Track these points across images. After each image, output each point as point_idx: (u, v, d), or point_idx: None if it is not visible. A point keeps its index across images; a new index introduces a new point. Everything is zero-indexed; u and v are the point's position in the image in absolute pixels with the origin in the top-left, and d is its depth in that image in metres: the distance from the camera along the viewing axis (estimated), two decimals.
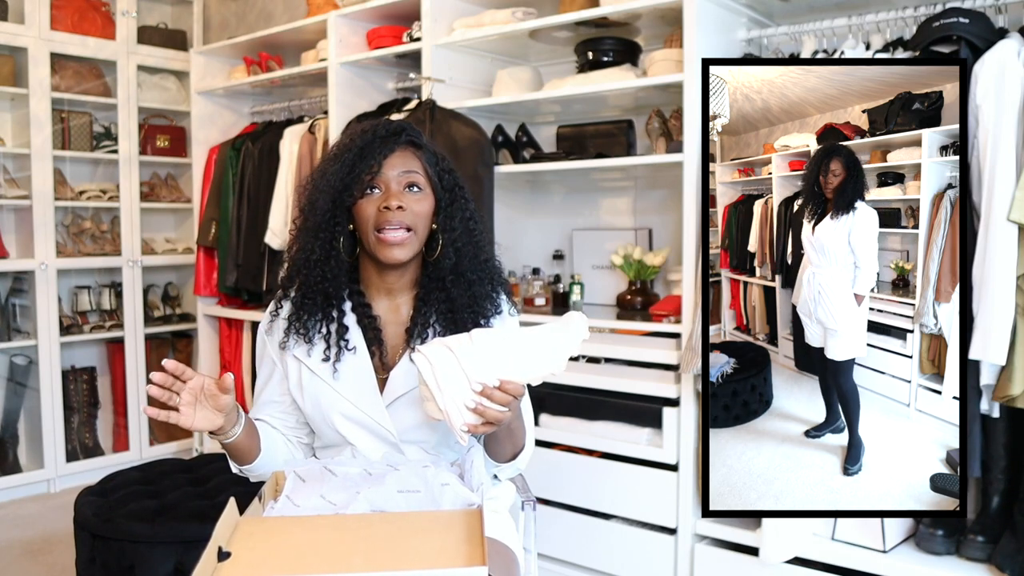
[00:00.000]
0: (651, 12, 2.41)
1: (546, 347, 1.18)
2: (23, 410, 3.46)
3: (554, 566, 2.51)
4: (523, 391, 1.17)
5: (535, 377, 1.18)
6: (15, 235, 3.47)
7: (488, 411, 1.14)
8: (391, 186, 1.33)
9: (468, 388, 1.13)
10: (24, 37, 3.30)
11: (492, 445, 1.34)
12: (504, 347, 1.16)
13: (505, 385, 1.15)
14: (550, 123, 2.97)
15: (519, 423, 1.33)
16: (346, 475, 1.26)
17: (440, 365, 1.13)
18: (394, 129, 1.37)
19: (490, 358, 1.14)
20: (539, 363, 1.17)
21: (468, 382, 1.13)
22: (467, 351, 1.14)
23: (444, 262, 1.37)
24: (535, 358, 1.17)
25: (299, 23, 3.15)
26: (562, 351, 1.18)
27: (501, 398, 1.15)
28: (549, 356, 1.18)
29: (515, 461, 1.38)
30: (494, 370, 1.14)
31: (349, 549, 1.05)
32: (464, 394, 1.13)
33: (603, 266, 2.81)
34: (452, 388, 1.13)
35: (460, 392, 1.13)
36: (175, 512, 1.99)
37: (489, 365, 1.14)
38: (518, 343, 1.17)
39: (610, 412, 2.41)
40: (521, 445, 1.36)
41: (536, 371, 1.17)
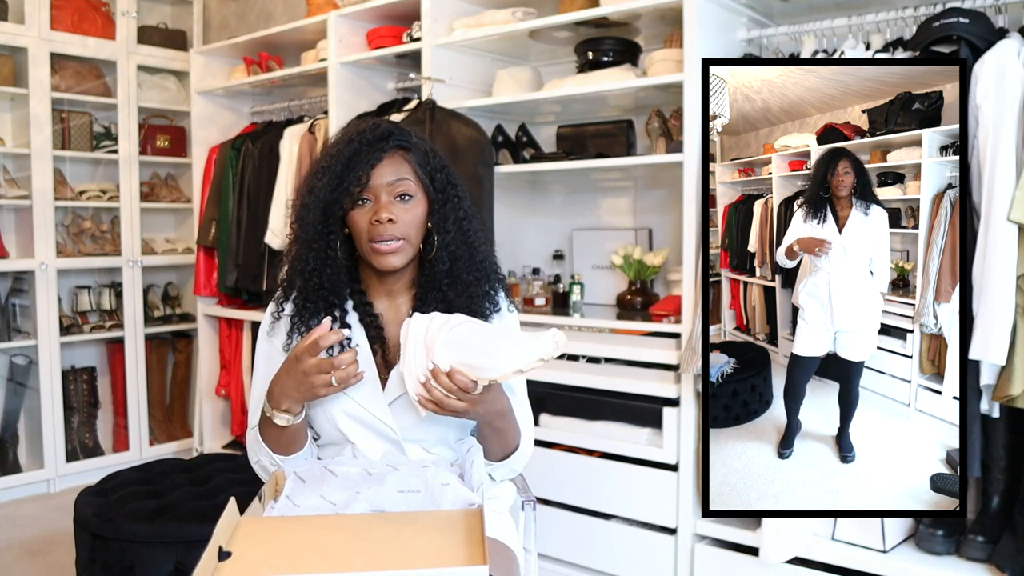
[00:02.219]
0: (651, 12, 2.41)
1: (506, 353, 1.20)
2: (23, 410, 3.46)
3: (554, 566, 2.51)
4: (471, 386, 1.20)
5: (485, 376, 1.21)
6: (15, 235, 3.47)
7: (433, 391, 1.20)
8: (381, 197, 1.33)
9: (424, 363, 1.20)
10: (24, 37, 3.30)
11: (483, 443, 1.34)
12: (470, 339, 1.21)
13: (453, 374, 1.20)
14: (550, 123, 2.97)
15: (507, 423, 1.33)
16: (346, 475, 1.26)
17: (414, 333, 1.21)
18: (381, 134, 1.35)
19: (452, 343, 1.20)
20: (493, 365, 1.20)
21: (425, 357, 1.20)
22: (437, 328, 1.21)
23: (439, 266, 1.37)
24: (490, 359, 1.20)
25: (299, 23, 3.15)
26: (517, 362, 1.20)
27: (445, 383, 1.20)
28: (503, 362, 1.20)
29: (508, 462, 1.37)
30: (450, 355, 1.20)
31: (349, 549, 1.05)
32: (419, 367, 1.21)
33: (603, 266, 2.81)
34: (412, 357, 1.21)
35: (416, 363, 1.21)
36: (175, 512, 1.99)
37: (449, 349, 1.20)
38: (484, 340, 1.22)
39: (610, 412, 2.41)
40: (512, 446, 1.36)
41: (489, 372, 1.20)
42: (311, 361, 1.21)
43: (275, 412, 1.27)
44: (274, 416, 1.27)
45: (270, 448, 1.32)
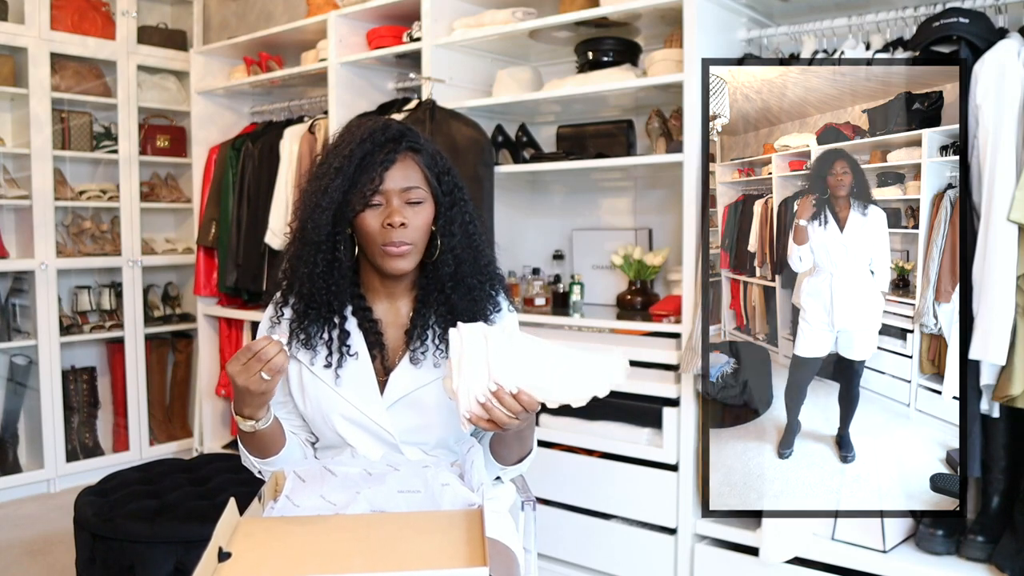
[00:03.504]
0: (651, 12, 2.41)
1: (577, 376, 1.16)
2: (23, 410, 3.46)
3: (554, 566, 2.51)
4: (537, 407, 1.17)
5: (553, 400, 1.16)
6: (15, 235, 3.47)
7: (494, 411, 1.15)
8: (393, 201, 1.32)
9: (485, 381, 1.13)
10: (24, 37, 3.30)
11: (499, 448, 1.34)
12: (536, 359, 1.15)
13: (520, 396, 1.15)
14: (550, 123, 2.97)
15: (530, 431, 1.34)
16: (346, 475, 1.26)
17: (469, 347, 1.13)
18: (393, 135, 1.34)
19: (518, 363, 1.14)
20: (563, 389, 1.16)
21: (488, 376, 1.13)
22: (500, 346, 1.14)
23: (443, 268, 1.36)
24: (561, 383, 1.16)
25: (299, 23, 3.15)
26: (591, 388, 1.16)
27: (511, 405, 1.15)
28: (576, 386, 1.16)
29: (521, 464, 1.38)
30: (517, 376, 1.14)
31: (349, 549, 1.05)
32: (479, 385, 1.13)
33: (603, 266, 2.81)
34: (470, 373, 1.13)
35: (476, 381, 1.13)
36: (175, 512, 1.99)
37: (514, 369, 1.14)
38: (552, 361, 1.16)
39: (610, 412, 2.41)
40: (528, 449, 1.37)
41: (557, 395, 1.16)
42: (235, 367, 1.20)
43: (240, 419, 1.28)
44: (240, 423, 1.28)
45: (248, 451, 1.34)
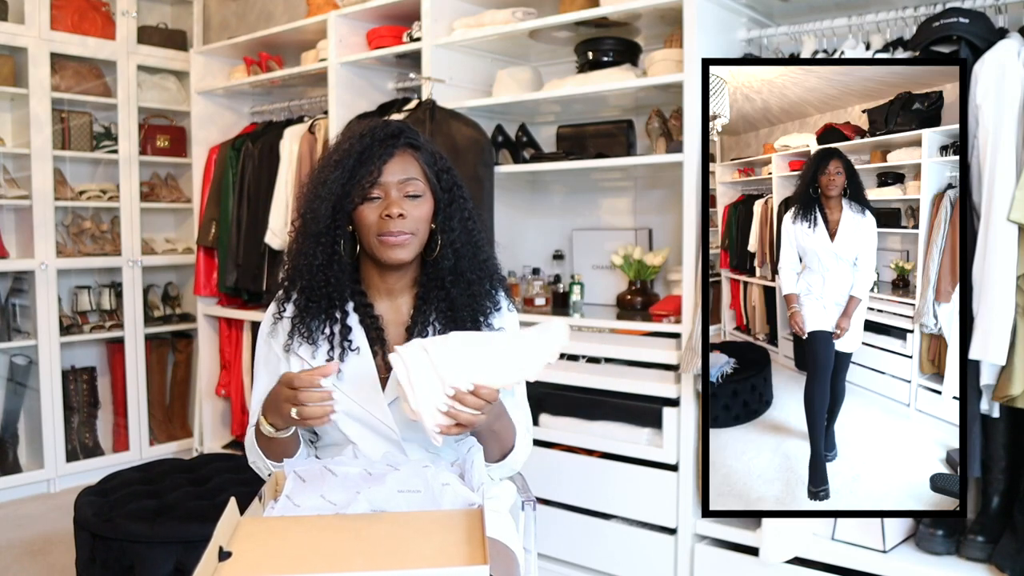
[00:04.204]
0: (651, 12, 2.41)
1: (522, 353, 1.19)
2: (23, 410, 3.46)
3: (554, 566, 2.51)
4: (496, 396, 1.19)
5: (507, 382, 1.19)
6: (15, 235, 3.47)
7: (460, 414, 1.16)
8: (391, 193, 1.34)
9: (441, 391, 1.15)
10: (24, 37, 3.30)
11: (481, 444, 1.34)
12: (479, 351, 1.17)
13: (479, 390, 1.17)
14: (550, 123, 2.97)
15: (503, 424, 1.33)
16: (346, 475, 1.26)
17: (414, 366, 1.14)
18: (392, 131, 1.37)
19: (464, 361, 1.16)
20: (513, 368, 1.18)
21: (441, 385, 1.14)
22: (441, 353, 1.15)
23: (443, 263, 1.38)
24: (509, 363, 1.18)
25: (299, 23, 3.15)
26: (538, 358, 1.19)
27: (473, 403, 1.17)
28: (524, 362, 1.18)
29: (506, 461, 1.38)
30: (467, 373, 1.16)
31: (349, 549, 1.05)
32: (436, 396, 1.15)
33: (603, 266, 2.81)
34: (425, 389, 1.15)
35: (432, 394, 1.15)
36: (175, 512, 1.99)
37: (462, 368, 1.15)
38: (493, 348, 1.18)
39: (610, 412, 2.41)
40: (510, 446, 1.37)
41: (509, 376, 1.18)
42: (287, 391, 1.21)
43: (263, 421, 1.28)
44: (261, 424, 1.29)
45: (262, 452, 1.34)
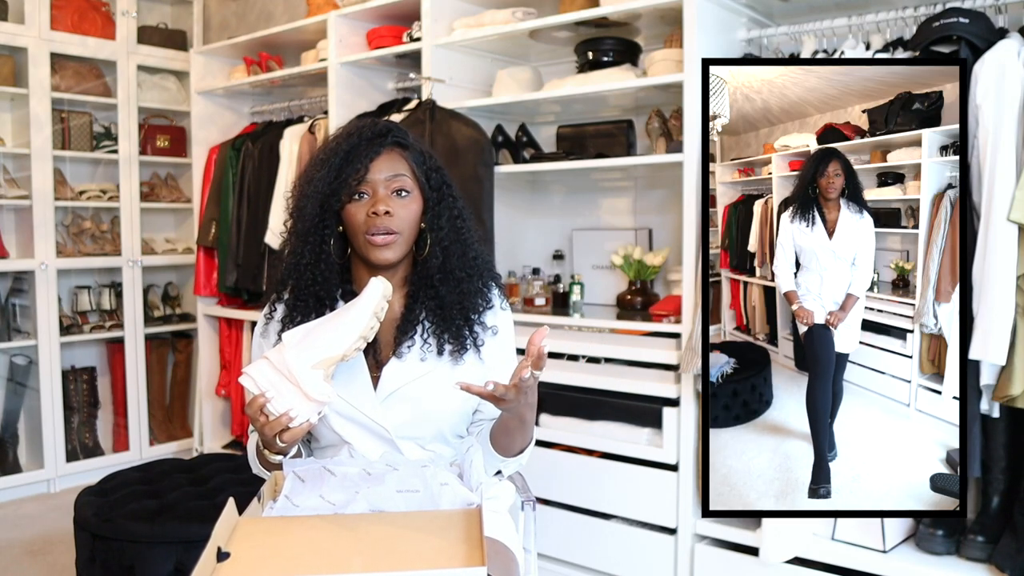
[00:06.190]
0: (651, 12, 2.41)
1: (353, 318, 1.23)
2: (23, 410, 3.46)
3: (554, 566, 2.51)
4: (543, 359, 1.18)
5: (350, 346, 1.22)
6: (15, 235, 3.47)
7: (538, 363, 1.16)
8: (378, 191, 1.34)
9: (298, 381, 1.19)
10: (24, 37, 3.30)
11: (502, 438, 1.34)
12: (314, 336, 1.22)
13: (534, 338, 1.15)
14: (550, 123, 2.97)
15: (533, 416, 1.33)
16: (345, 475, 1.26)
17: (261, 377, 1.20)
18: (380, 130, 1.37)
19: (304, 351, 1.21)
20: (349, 333, 1.22)
21: (298, 385, 1.19)
22: (282, 356, 1.21)
23: (432, 261, 1.37)
24: (345, 331, 1.22)
25: (299, 23, 3.15)
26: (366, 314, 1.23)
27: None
28: (357, 324, 1.23)
29: (521, 456, 1.38)
30: (311, 359, 1.20)
31: (348, 549, 1.05)
32: (294, 392, 1.19)
33: (603, 266, 2.81)
34: (283, 389, 1.20)
35: (297, 399, 1.19)
36: (175, 512, 1.99)
37: (306, 358, 1.20)
38: (326, 326, 1.24)
39: (610, 412, 2.41)
40: (529, 439, 1.37)
41: (349, 342, 1.22)
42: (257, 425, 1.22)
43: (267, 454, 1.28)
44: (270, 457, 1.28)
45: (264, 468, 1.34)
